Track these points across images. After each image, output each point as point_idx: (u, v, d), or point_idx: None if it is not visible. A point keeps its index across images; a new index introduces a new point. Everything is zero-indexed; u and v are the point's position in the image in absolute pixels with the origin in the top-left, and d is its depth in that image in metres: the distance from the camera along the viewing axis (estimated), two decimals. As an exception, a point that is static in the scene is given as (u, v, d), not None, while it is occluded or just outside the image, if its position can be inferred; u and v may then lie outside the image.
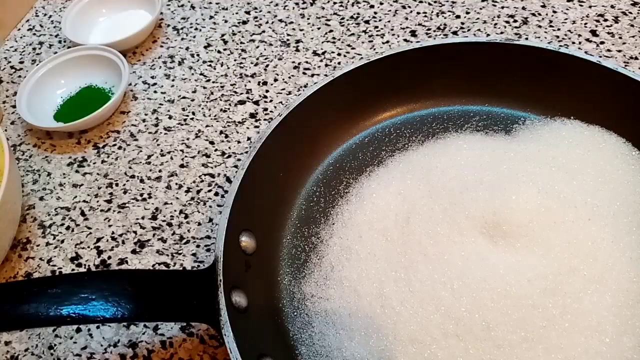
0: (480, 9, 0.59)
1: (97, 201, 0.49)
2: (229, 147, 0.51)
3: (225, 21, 0.63)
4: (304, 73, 0.56)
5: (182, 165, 0.51)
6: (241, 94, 0.55)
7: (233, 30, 0.62)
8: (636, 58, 0.52)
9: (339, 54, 0.57)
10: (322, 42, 0.58)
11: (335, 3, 0.62)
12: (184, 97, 0.56)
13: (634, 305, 0.35)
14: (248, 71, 0.57)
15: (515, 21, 0.57)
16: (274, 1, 0.64)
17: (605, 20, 0.56)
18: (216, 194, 0.48)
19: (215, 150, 0.51)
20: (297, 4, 0.63)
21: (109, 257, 0.46)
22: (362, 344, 0.36)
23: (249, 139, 0.52)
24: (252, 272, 0.39)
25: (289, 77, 0.56)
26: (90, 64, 0.58)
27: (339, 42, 0.58)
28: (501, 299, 0.36)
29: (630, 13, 0.56)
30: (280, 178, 0.44)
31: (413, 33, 0.57)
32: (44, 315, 0.31)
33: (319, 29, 0.60)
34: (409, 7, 0.60)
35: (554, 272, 0.36)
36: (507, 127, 0.46)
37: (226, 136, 0.52)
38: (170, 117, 0.55)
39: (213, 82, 0.57)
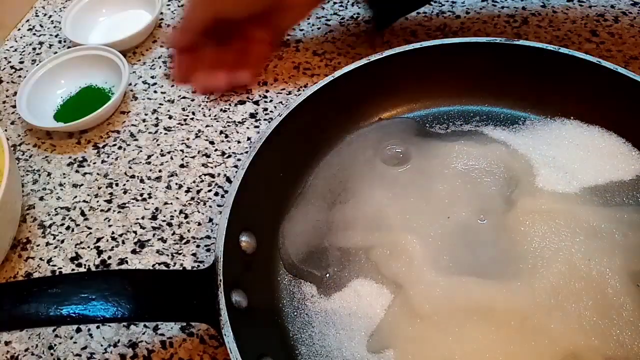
0: (480, 9, 0.59)
1: (97, 201, 0.49)
2: (229, 147, 0.51)
3: (225, 21, 0.63)
4: (304, 73, 0.56)
5: (182, 165, 0.51)
6: (241, 94, 0.55)
7: (233, 30, 0.62)
8: (636, 58, 0.52)
9: (339, 54, 0.57)
10: (322, 42, 0.58)
11: (335, 3, 0.62)
12: (184, 97, 0.56)
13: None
14: (248, 71, 0.57)
15: (515, 21, 0.57)
16: (274, 1, 0.64)
17: (605, 20, 0.56)
18: (216, 194, 0.48)
19: (215, 150, 0.51)
20: (297, 4, 0.63)
21: (109, 257, 0.46)
22: (362, 344, 0.36)
23: (249, 139, 0.52)
24: (252, 272, 0.39)
25: (289, 77, 0.56)
26: (90, 64, 0.58)
27: (339, 42, 0.58)
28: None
29: (630, 13, 0.56)
30: (280, 178, 0.44)
31: (413, 33, 0.57)
32: (44, 315, 0.31)
33: (319, 29, 0.60)
34: (409, 7, 0.60)
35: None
36: (507, 127, 0.46)
37: (226, 136, 0.52)
38: (170, 117, 0.55)
39: (213, 82, 0.57)
